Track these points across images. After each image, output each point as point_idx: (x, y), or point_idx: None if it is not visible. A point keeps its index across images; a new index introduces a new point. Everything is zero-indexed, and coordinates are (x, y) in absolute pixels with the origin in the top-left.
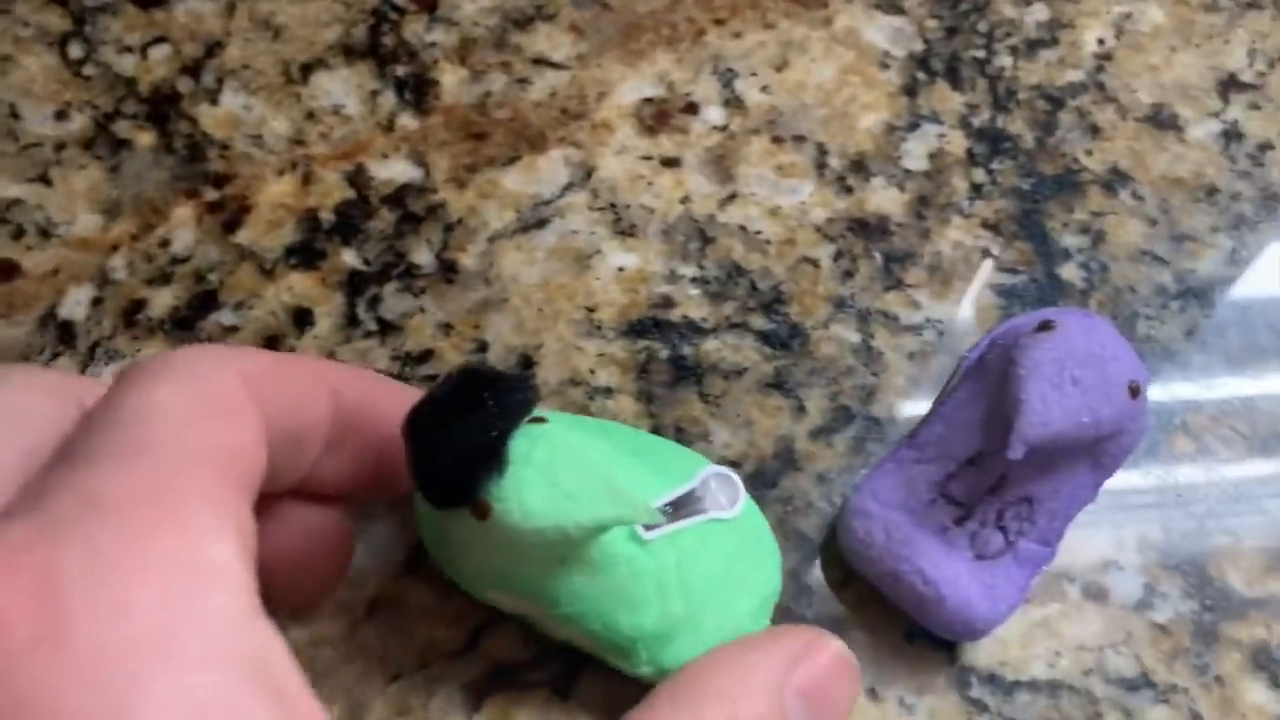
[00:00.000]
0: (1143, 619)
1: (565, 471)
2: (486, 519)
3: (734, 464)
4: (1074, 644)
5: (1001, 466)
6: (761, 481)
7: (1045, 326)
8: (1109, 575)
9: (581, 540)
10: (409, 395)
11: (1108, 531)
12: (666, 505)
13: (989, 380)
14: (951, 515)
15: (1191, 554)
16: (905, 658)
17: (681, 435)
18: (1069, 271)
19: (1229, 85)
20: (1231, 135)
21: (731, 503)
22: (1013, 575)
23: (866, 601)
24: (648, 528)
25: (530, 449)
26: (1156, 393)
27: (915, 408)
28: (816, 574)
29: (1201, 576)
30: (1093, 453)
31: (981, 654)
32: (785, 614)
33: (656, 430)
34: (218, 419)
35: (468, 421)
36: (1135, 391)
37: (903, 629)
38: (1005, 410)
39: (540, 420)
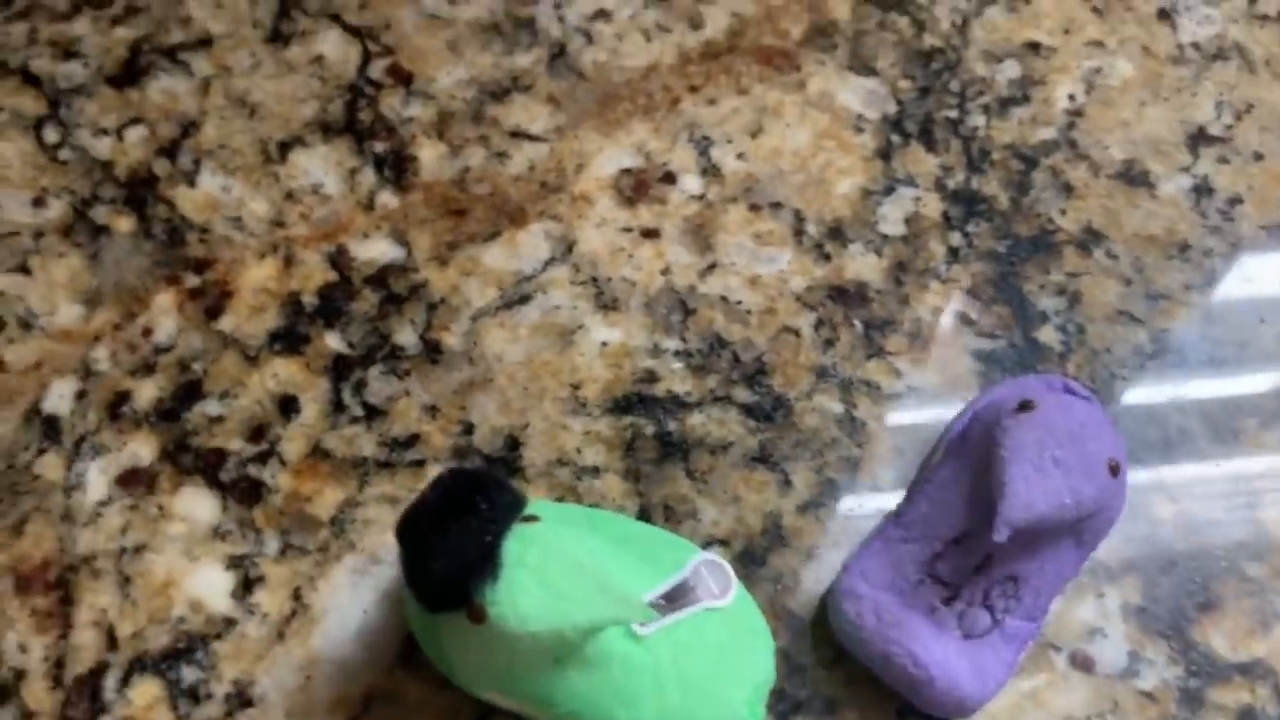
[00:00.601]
0: (1129, 687)
1: (559, 573)
2: (482, 623)
3: (723, 543)
4: (1062, 714)
5: (987, 547)
6: (751, 560)
7: (1025, 406)
8: (1094, 644)
9: (578, 641)
10: None
11: (1091, 600)
12: (660, 598)
13: (971, 458)
14: (939, 595)
15: (1175, 620)
16: None
17: (670, 514)
18: (1046, 334)
19: (1198, 139)
20: (1202, 190)
21: (723, 590)
22: (1000, 653)
23: (858, 680)
24: (642, 624)
25: (523, 551)
26: (1136, 457)
27: (901, 478)
28: (808, 652)
29: (1185, 642)
30: (1075, 530)
31: None
32: (779, 695)
33: (645, 511)
34: None
35: (461, 526)
36: (1115, 470)
37: (895, 707)
38: (989, 490)
39: (531, 519)
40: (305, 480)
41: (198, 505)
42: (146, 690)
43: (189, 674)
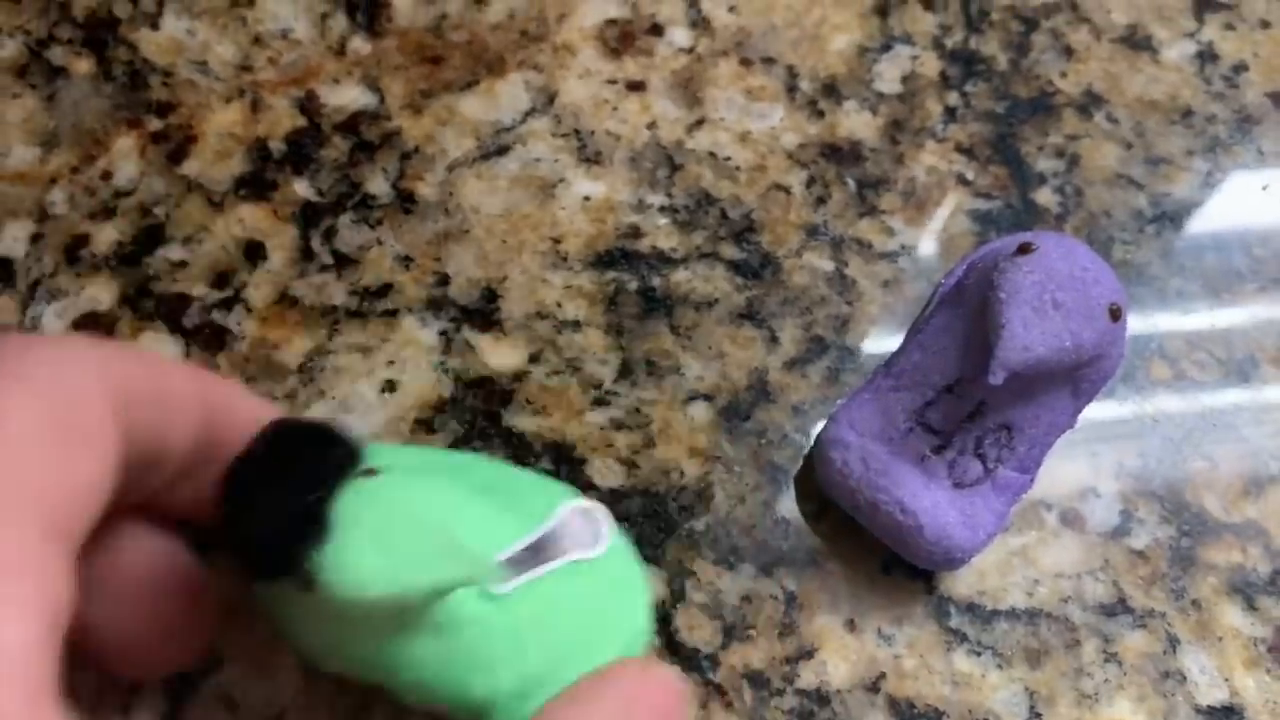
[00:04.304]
0: (1120, 545)
1: (400, 531)
2: (312, 590)
3: (707, 398)
4: (1052, 572)
5: (980, 393)
6: (735, 414)
7: (1024, 249)
8: (1086, 503)
9: (423, 605)
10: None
11: (1085, 459)
12: (523, 550)
13: (967, 305)
14: (930, 444)
15: (1168, 480)
16: (883, 589)
17: (653, 368)
18: (1044, 196)
19: (1204, 4)
20: (1206, 56)
21: (595, 540)
22: (991, 503)
23: (843, 533)
24: (496, 581)
25: (358, 509)
26: (1133, 320)
27: (890, 336)
28: (791, 507)
29: (1178, 502)
30: (1072, 378)
31: (960, 584)
32: (761, 547)
33: (627, 365)
34: (66, 447)
35: (284, 484)
36: (1116, 314)
37: (880, 560)
38: (985, 335)
39: (372, 473)
40: (272, 327)
41: (160, 351)
42: None
43: None
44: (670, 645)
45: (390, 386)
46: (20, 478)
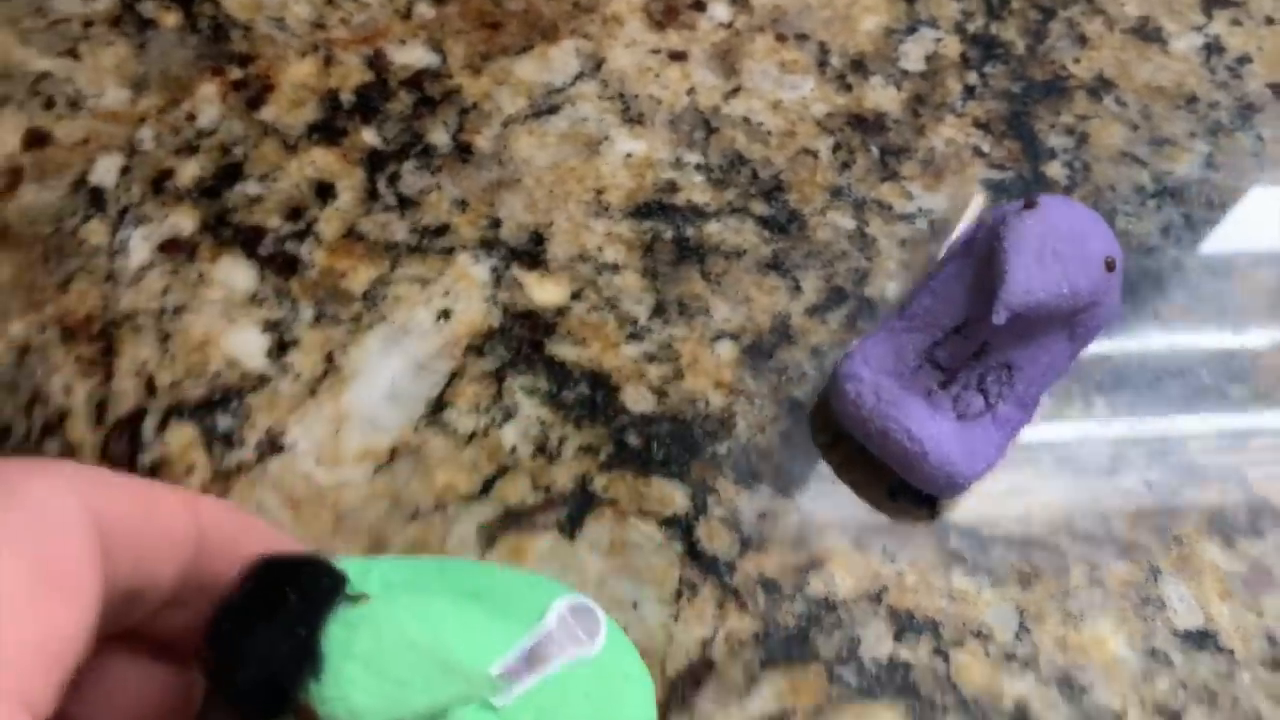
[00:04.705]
0: (1110, 485)
1: (394, 656)
2: None
3: (733, 337)
4: (1046, 506)
5: (985, 334)
6: (759, 353)
7: (1029, 204)
8: (1081, 445)
9: None
10: (284, 544)
11: (1079, 406)
12: (520, 658)
13: (975, 256)
14: (937, 379)
15: (1157, 428)
16: (888, 513)
17: (684, 309)
18: (1054, 169)
19: (1212, 0)
20: (1213, 48)
21: (591, 635)
22: (991, 436)
23: (854, 462)
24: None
25: (349, 638)
26: (1130, 282)
27: (905, 289)
28: (807, 437)
29: (1166, 447)
30: (1069, 324)
31: (959, 512)
32: (777, 471)
33: (661, 305)
34: (42, 596)
35: (269, 624)
36: (1111, 266)
37: (887, 487)
38: (991, 282)
39: (360, 598)
40: (340, 258)
41: (236, 274)
42: (183, 433)
43: (223, 422)
44: (691, 553)
45: (445, 315)
46: (4, 633)
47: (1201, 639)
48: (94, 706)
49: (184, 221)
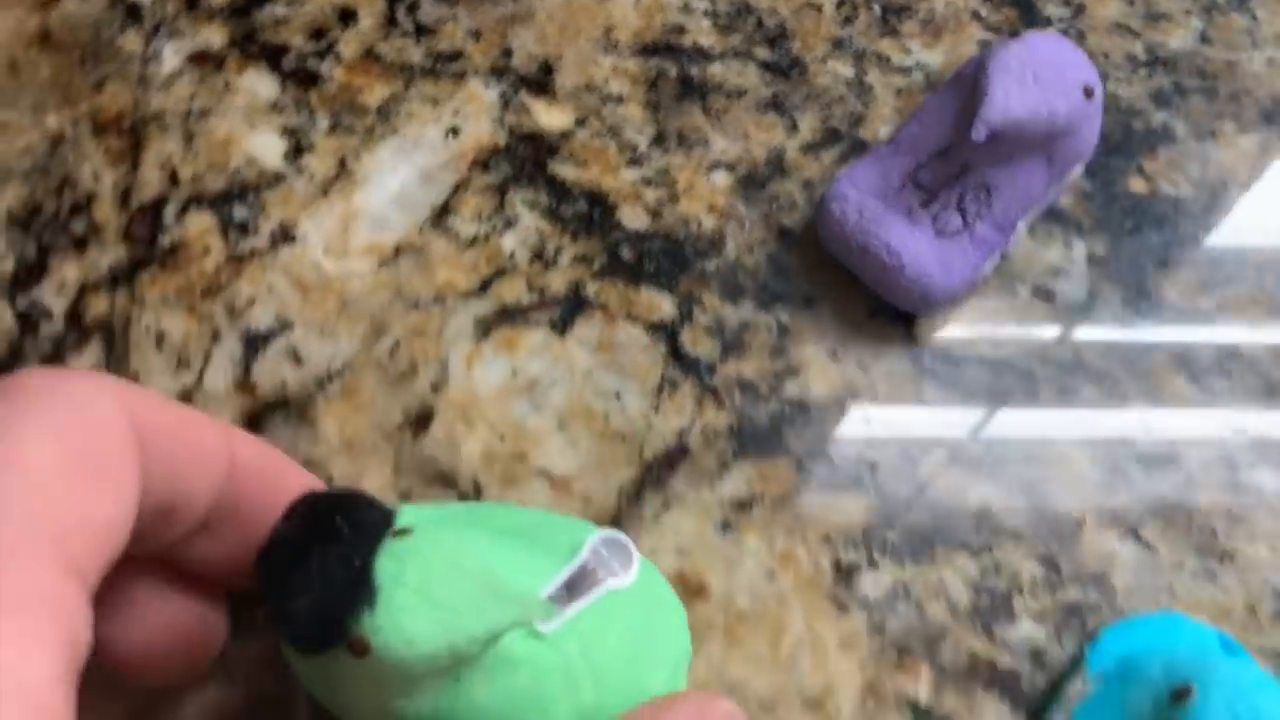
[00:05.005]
0: (1084, 318)
1: (444, 585)
2: (366, 655)
3: (729, 167)
4: (1020, 333)
5: (966, 155)
6: (753, 183)
7: (1016, 34)
8: (1057, 281)
9: (476, 653)
10: (316, 483)
11: (1060, 247)
12: (559, 589)
13: (962, 87)
14: (918, 199)
15: (1133, 271)
16: (867, 330)
17: (683, 140)
18: None
19: None
20: None
21: (625, 567)
22: (968, 254)
23: (837, 282)
24: (545, 621)
25: (400, 569)
26: (1118, 141)
27: None
28: (793, 260)
29: (1139, 289)
30: (1047, 149)
31: (935, 332)
32: (763, 287)
33: (661, 136)
34: (87, 485)
35: (323, 554)
36: (1089, 94)
37: (867, 306)
38: (973, 104)
39: (404, 533)
40: (357, 75)
41: (259, 84)
42: (201, 220)
43: (240, 212)
44: (675, 354)
45: (454, 132)
46: (42, 515)
47: (1167, 459)
48: (125, 628)
49: (214, 37)
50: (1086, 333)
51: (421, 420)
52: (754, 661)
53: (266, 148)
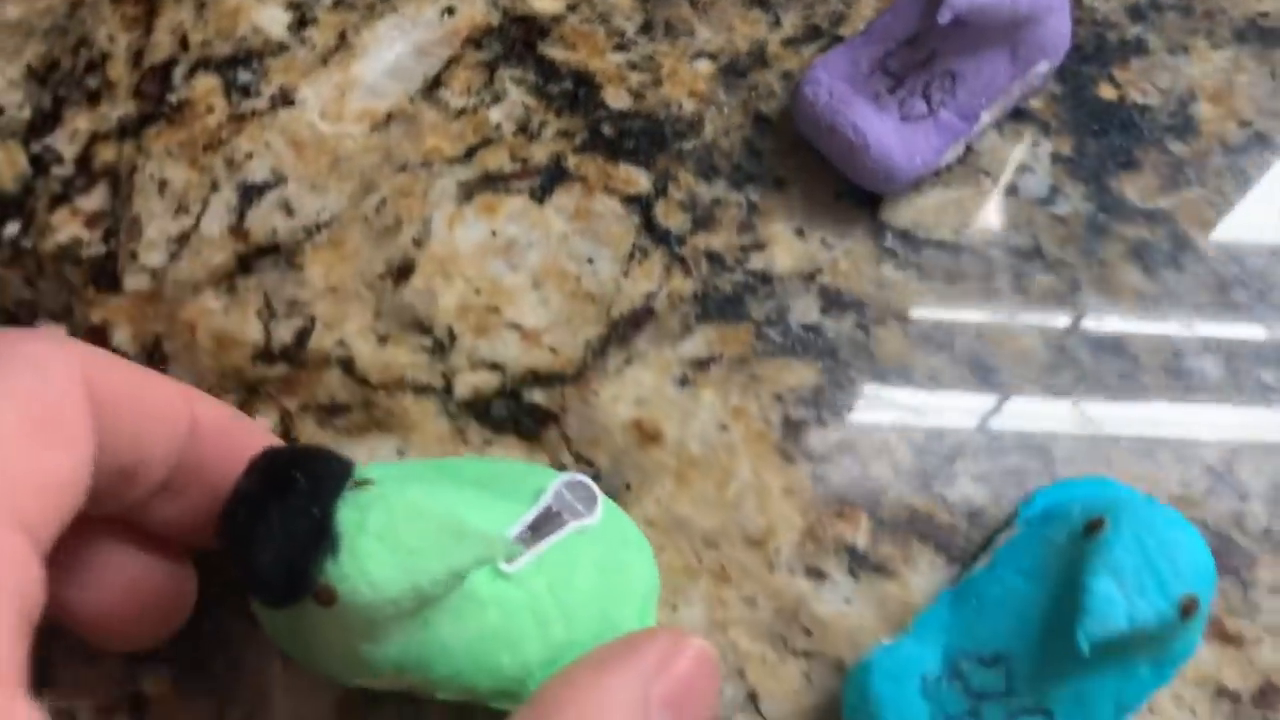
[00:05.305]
0: (1045, 211)
1: (406, 529)
2: (333, 604)
3: (711, 56)
4: (981, 221)
5: (933, 43)
6: (734, 72)
7: None
8: (1021, 176)
9: (442, 595)
10: (278, 443)
11: (1026, 145)
12: (524, 530)
13: None
14: (886, 84)
15: (1096, 171)
16: (832, 211)
17: (669, 29)
18: None
19: None
20: None
21: (589, 508)
22: (930, 139)
23: (808, 166)
24: (509, 561)
25: (361, 517)
26: (1089, 51)
27: None
28: (768, 144)
29: (1102, 187)
30: (1012, 40)
31: (899, 215)
32: (735, 170)
33: (648, 24)
34: (35, 440)
35: (283, 507)
36: None
37: (835, 189)
38: None
39: (365, 484)
40: None
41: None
42: (207, 82)
43: (243, 76)
44: (647, 225)
45: (449, 11)
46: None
47: (1114, 345)
48: (91, 591)
49: None
50: (1046, 224)
51: (403, 271)
52: (701, 501)
53: (272, 19)
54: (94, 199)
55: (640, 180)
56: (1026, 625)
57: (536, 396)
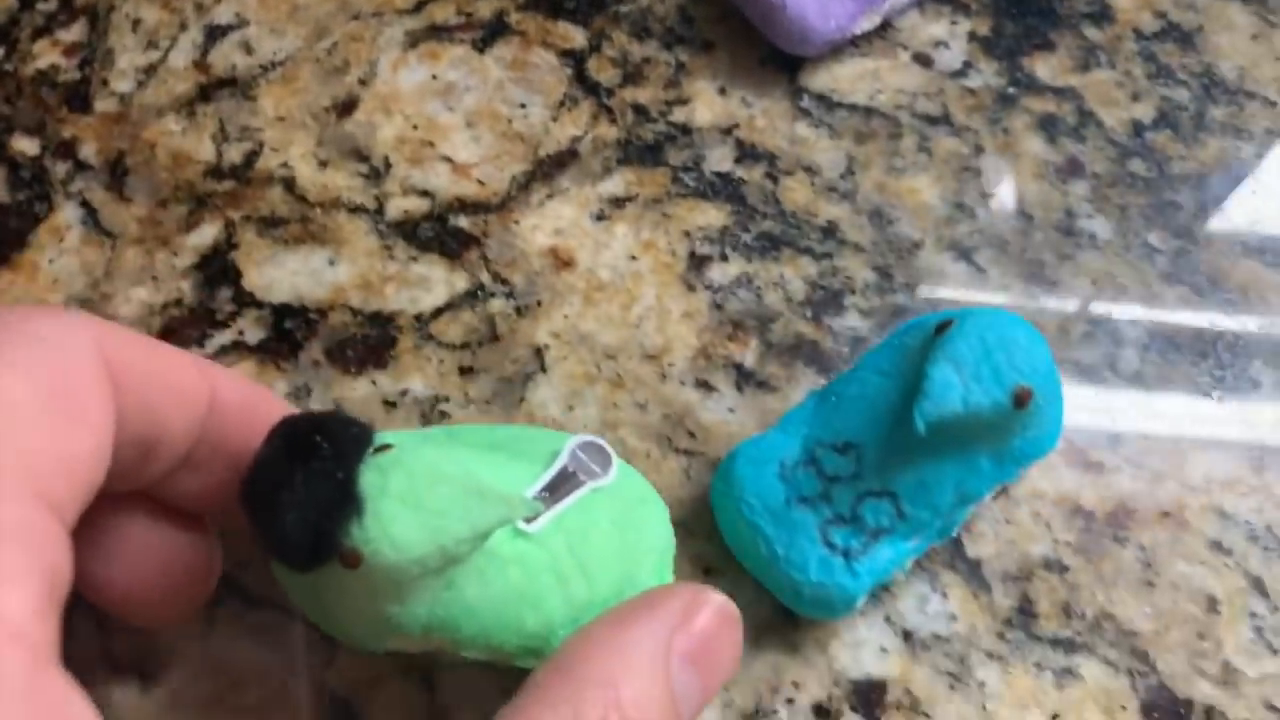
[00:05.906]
0: (957, 83)
1: (427, 491)
2: (358, 566)
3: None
4: (894, 88)
5: None
6: None
7: None
8: (937, 50)
9: (465, 555)
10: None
11: (945, 23)
12: (541, 491)
13: None
14: None
15: (1010, 50)
16: (756, 75)
17: None
18: None
19: None
20: None
21: (604, 469)
22: (846, 4)
23: (736, 33)
24: (529, 520)
25: (383, 480)
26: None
27: None
28: (701, 13)
29: (1015, 65)
30: None
31: (816, 81)
32: (669, 32)
33: None
34: (61, 421)
35: (306, 472)
36: None
37: (759, 55)
38: None
39: (385, 448)
40: None
41: None
42: None
43: None
44: (579, 77)
45: None
46: (12, 450)
47: (1008, 204)
48: (115, 565)
49: None
50: (956, 94)
51: (347, 106)
52: (605, 320)
53: None
54: (73, 32)
55: (577, 37)
56: (877, 416)
57: (461, 222)
